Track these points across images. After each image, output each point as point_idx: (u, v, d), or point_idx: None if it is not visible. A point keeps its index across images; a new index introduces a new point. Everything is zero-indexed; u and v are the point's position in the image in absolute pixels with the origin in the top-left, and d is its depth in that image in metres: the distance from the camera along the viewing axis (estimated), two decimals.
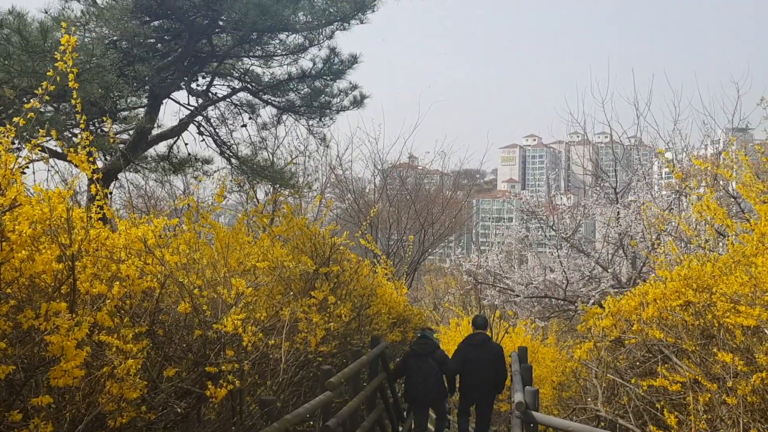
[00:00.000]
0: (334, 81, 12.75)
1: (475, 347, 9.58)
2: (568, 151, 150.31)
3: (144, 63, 10.55)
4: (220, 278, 6.56)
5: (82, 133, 5.45)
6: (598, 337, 8.31)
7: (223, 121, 13.44)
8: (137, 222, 6.02)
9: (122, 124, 12.18)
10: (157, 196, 18.37)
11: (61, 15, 10.03)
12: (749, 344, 5.90)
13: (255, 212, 10.47)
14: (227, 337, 5.50)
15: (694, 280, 6.96)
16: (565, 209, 16.75)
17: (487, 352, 9.58)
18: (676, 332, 6.89)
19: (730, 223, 7.29)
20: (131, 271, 4.77)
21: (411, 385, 9.81)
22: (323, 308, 8.67)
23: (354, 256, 11.95)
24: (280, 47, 12.15)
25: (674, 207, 13.62)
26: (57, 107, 9.83)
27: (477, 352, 9.55)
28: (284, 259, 8.31)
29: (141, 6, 10.34)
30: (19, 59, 8.21)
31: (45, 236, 4.22)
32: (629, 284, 12.69)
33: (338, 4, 10.82)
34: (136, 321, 4.90)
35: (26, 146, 4.85)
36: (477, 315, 10.76)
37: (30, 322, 3.73)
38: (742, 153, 7.96)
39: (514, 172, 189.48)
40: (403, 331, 15.42)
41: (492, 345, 9.93)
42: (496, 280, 16.53)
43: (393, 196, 28.14)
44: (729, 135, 14.79)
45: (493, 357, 9.60)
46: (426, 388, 9.58)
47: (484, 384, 9.55)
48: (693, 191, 9.60)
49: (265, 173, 12.74)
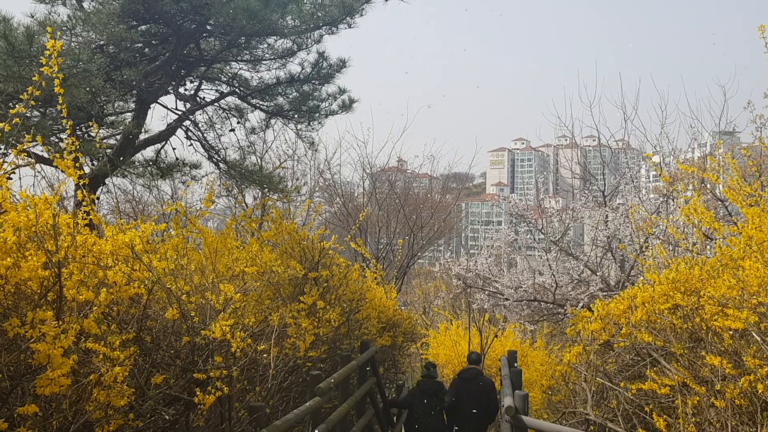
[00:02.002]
0: (322, 85, 12.73)
1: (468, 381, 10.08)
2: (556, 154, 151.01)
3: (131, 67, 10.50)
4: (209, 284, 6.53)
5: (69, 139, 5.42)
6: (587, 341, 8.33)
7: (212, 125, 13.39)
8: (124, 228, 5.98)
9: (109, 129, 12.11)
10: (144, 201, 18.27)
11: (47, 19, 9.96)
12: (737, 347, 5.92)
13: (243, 217, 10.44)
14: (215, 343, 5.47)
15: (682, 283, 6.99)
16: (554, 212, 16.79)
17: (480, 386, 10.12)
18: (665, 335, 6.91)
19: (718, 227, 7.33)
20: (118, 277, 4.74)
21: (414, 419, 10.34)
22: (312, 313, 8.65)
23: (343, 261, 11.93)
24: (269, 51, 12.12)
25: (662, 210, 13.67)
26: (44, 112, 9.77)
27: (470, 386, 10.07)
28: (273, 264, 8.28)
29: (128, 10, 10.28)
30: (4, 64, 8.15)
31: (31, 243, 4.19)
32: (618, 287, 12.73)
33: (326, 8, 10.81)
34: (124, 328, 4.87)
35: (12, 152, 4.81)
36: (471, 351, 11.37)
37: (16, 330, 3.70)
38: (729, 156, 8.00)
39: (503, 176, 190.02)
40: (392, 335, 15.41)
41: (484, 379, 10.42)
42: (486, 284, 16.53)
43: (382, 200, 28.12)
44: (716, 138, 14.87)
45: (485, 390, 10.13)
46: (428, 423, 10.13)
47: (477, 415, 10.01)
48: (680, 195, 9.65)
49: (254, 178, 12.69)
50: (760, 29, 6.26)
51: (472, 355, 10.78)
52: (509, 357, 11.37)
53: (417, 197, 31.42)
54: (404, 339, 17.47)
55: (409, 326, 18.43)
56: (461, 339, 18.70)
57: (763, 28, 6.24)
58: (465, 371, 10.38)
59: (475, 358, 10.59)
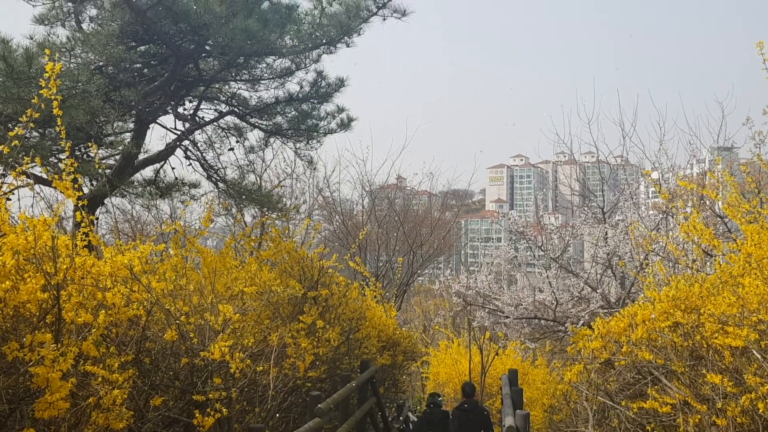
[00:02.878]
0: (321, 104, 12.77)
1: (466, 412, 10.68)
2: (555, 171, 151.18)
3: (130, 88, 10.53)
4: (208, 304, 6.52)
5: (68, 160, 5.42)
6: (588, 359, 8.29)
7: (210, 144, 13.40)
8: (123, 249, 5.98)
9: (108, 149, 12.12)
10: (143, 220, 18.26)
11: (46, 41, 10.01)
12: (738, 365, 5.90)
13: (242, 236, 10.44)
14: (214, 365, 5.46)
15: (682, 300, 6.97)
16: (554, 229, 16.77)
17: (476, 416, 10.77)
18: (666, 353, 6.88)
19: (717, 244, 7.31)
20: (117, 299, 4.73)
21: None
22: (312, 333, 8.62)
23: (343, 279, 11.91)
24: (267, 71, 12.17)
25: (662, 227, 13.66)
26: (42, 133, 9.78)
27: (468, 416, 10.69)
28: (272, 283, 8.27)
29: (127, 31, 10.34)
30: (3, 86, 8.17)
31: (29, 265, 4.18)
32: (618, 304, 12.69)
33: (324, 28, 10.86)
34: (122, 349, 4.85)
35: (11, 173, 4.82)
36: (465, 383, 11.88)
37: (15, 353, 3.69)
38: (727, 173, 8.01)
39: (502, 192, 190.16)
40: (392, 354, 15.35)
41: (480, 408, 11.12)
42: (486, 302, 16.49)
43: (381, 218, 28.10)
44: (714, 154, 14.88)
45: (482, 419, 10.79)
46: None
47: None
48: (680, 211, 9.65)
49: (253, 197, 12.69)
50: (758, 46, 6.28)
51: (465, 387, 11.26)
52: (510, 376, 11.34)
53: (416, 214, 31.40)
54: (404, 358, 17.40)
55: (409, 345, 18.36)
56: (462, 357, 18.63)
57: (761, 44, 6.26)
58: (463, 403, 10.91)
59: (470, 391, 11.08)
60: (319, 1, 10.89)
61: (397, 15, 10.84)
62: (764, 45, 6.25)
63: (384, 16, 10.92)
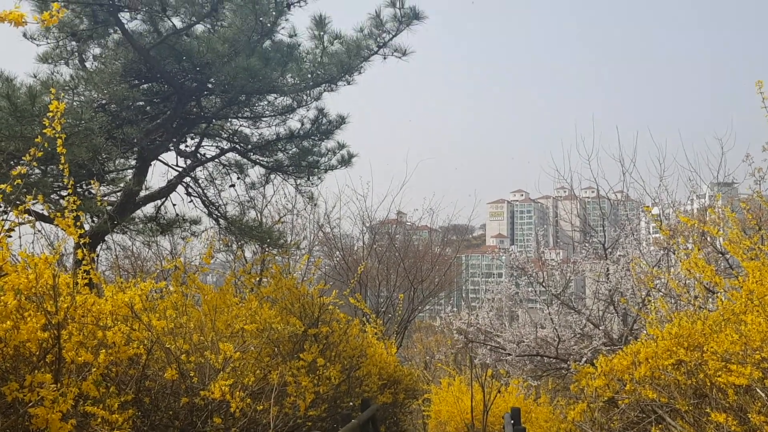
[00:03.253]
0: (322, 141, 12.86)
1: None
2: (555, 206, 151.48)
3: (133, 125, 10.62)
4: (208, 342, 6.48)
5: (70, 197, 5.44)
6: (591, 398, 8.23)
7: (212, 181, 13.46)
8: (124, 286, 5.96)
9: (110, 186, 12.18)
10: (143, 257, 18.24)
11: (50, 79, 10.12)
12: (742, 403, 5.85)
13: (243, 272, 10.42)
14: (215, 404, 5.42)
15: (685, 338, 6.93)
16: (555, 265, 16.73)
17: None
18: (669, 392, 6.83)
19: (719, 280, 7.30)
20: (117, 337, 4.71)
21: None
22: (312, 370, 8.56)
23: (343, 316, 11.86)
24: (269, 108, 12.28)
25: (663, 263, 13.64)
26: (44, 170, 9.84)
27: None
28: (272, 320, 8.23)
29: (130, 70, 10.45)
30: (7, 124, 8.24)
31: (30, 303, 4.17)
32: (621, 341, 12.62)
33: (325, 66, 10.98)
34: (122, 389, 4.82)
35: (14, 212, 4.83)
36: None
37: (14, 393, 3.66)
38: (728, 209, 8.02)
39: (503, 227, 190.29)
40: (394, 392, 15.22)
41: None
42: (488, 339, 16.39)
43: (382, 254, 28.07)
44: (714, 190, 14.91)
45: None
46: None
47: None
48: (681, 248, 9.65)
49: (254, 233, 12.71)
50: (757, 85, 6.34)
51: None
52: (513, 414, 11.23)
53: (417, 250, 31.36)
54: (406, 396, 17.23)
55: (410, 382, 18.20)
56: (464, 395, 18.44)
57: (761, 84, 6.32)
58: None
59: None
60: (320, 40, 11.02)
61: (398, 54, 10.96)
62: (763, 84, 6.31)
63: (384, 55, 11.05)
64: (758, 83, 6.33)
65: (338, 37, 11.09)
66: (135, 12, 10.14)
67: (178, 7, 10.20)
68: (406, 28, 10.65)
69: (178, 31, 10.31)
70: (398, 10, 10.47)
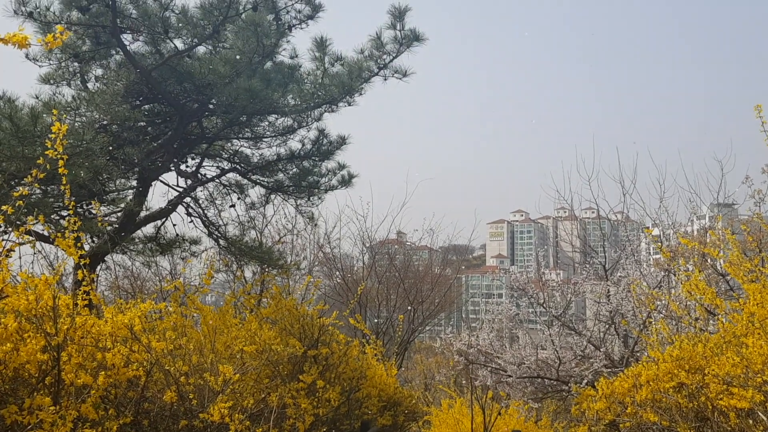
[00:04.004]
0: (322, 161, 12.88)
1: None
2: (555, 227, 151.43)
3: (134, 146, 10.64)
4: (207, 363, 6.46)
5: (71, 218, 5.44)
6: (593, 421, 8.19)
7: (212, 201, 13.47)
8: (123, 308, 5.95)
9: (110, 207, 12.17)
10: (143, 277, 18.20)
11: (51, 100, 10.15)
12: (744, 426, 5.82)
13: (242, 293, 10.40)
14: (214, 427, 5.38)
15: (686, 360, 6.90)
16: (555, 286, 16.71)
17: None
18: (671, 415, 6.79)
19: (720, 303, 7.28)
20: (117, 359, 4.69)
21: None
22: (312, 392, 8.52)
23: (343, 337, 11.81)
24: (270, 129, 12.32)
25: (664, 284, 13.62)
26: (45, 190, 9.85)
27: None
28: (272, 341, 8.21)
29: (132, 91, 10.50)
30: (8, 144, 8.26)
31: (30, 324, 4.16)
32: (622, 363, 12.57)
33: (326, 87, 11.02)
34: (121, 411, 4.79)
35: (15, 233, 4.83)
36: None
37: (14, 416, 3.64)
38: (728, 232, 8.03)
39: (503, 248, 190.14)
40: (393, 414, 15.12)
41: None
42: (488, 360, 16.34)
43: (382, 274, 27.99)
44: (715, 211, 14.94)
45: None
46: None
47: None
48: (681, 270, 9.64)
49: (253, 254, 12.69)
50: (756, 109, 6.37)
51: None
52: None
53: (417, 270, 31.29)
54: (405, 418, 17.12)
55: (410, 404, 18.08)
56: (464, 417, 18.34)
57: (759, 107, 6.35)
58: None
59: None
60: (321, 62, 11.09)
61: (398, 75, 11.02)
62: (762, 108, 6.34)
63: (385, 77, 11.10)
64: (757, 107, 6.36)
65: (339, 58, 11.16)
66: (137, 34, 10.22)
67: (180, 29, 10.27)
68: (407, 50, 10.72)
69: (179, 53, 10.37)
70: (398, 32, 10.55)
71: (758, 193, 9.50)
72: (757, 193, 9.50)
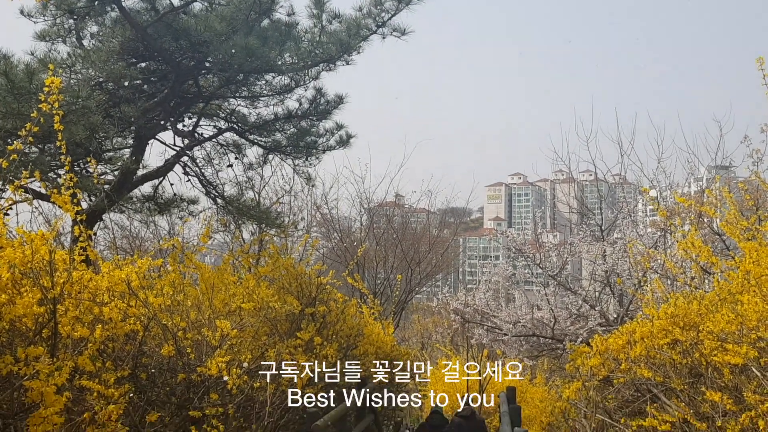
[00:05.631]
0: (320, 121, 12.80)
1: (466, 418, 11.04)
2: (553, 189, 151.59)
3: (130, 104, 10.57)
4: (205, 320, 6.49)
5: (67, 175, 5.42)
6: (587, 377, 8.26)
7: (209, 161, 13.43)
8: (121, 264, 5.96)
9: (107, 165, 12.14)
10: (141, 236, 18.23)
11: (47, 57, 10.07)
12: (737, 382, 5.87)
13: (240, 252, 10.41)
14: (211, 380, 5.43)
15: (680, 318, 6.94)
16: (552, 247, 16.76)
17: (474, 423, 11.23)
18: (665, 371, 6.85)
19: (715, 261, 7.31)
20: (114, 313, 4.71)
21: None
22: (309, 349, 8.58)
23: (341, 296, 11.86)
24: (267, 88, 12.22)
25: (660, 244, 13.67)
26: (42, 148, 9.81)
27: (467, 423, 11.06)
28: (270, 299, 8.24)
29: (127, 48, 10.39)
30: (4, 101, 8.20)
31: (26, 279, 4.17)
32: (617, 322, 12.66)
33: (324, 46, 10.92)
34: (119, 364, 4.83)
35: (10, 188, 4.81)
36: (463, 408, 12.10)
37: (9, 367, 3.66)
38: (726, 190, 8.02)
39: (501, 210, 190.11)
40: (390, 371, 15.26)
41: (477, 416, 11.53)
42: (484, 319, 16.45)
43: (380, 235, 28.06)
44: (712, 173, 14.93)
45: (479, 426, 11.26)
46: None
47: None
48: (678, 229, 9.66)
49: (251, 213, 12.70)
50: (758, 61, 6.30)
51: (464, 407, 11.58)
52: (508, 393, 11.32)
53: (415, 232, 31.35)
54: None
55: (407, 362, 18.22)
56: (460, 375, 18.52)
57: (762, 60, 6.28)
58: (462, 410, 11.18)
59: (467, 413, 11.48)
60: (318, 19, 10.96)
61: (397, 34, 10.91)
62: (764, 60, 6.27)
63: (383, 35, 10.99)
64: (759, 59, 6.29)
65: (337, 16, 11.03)
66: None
67: None
68: (406, 7, 10.60)
69: (175, 9, 10.25)
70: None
71: (757, 152, 9.48)
72: (756, 152, 9.48)
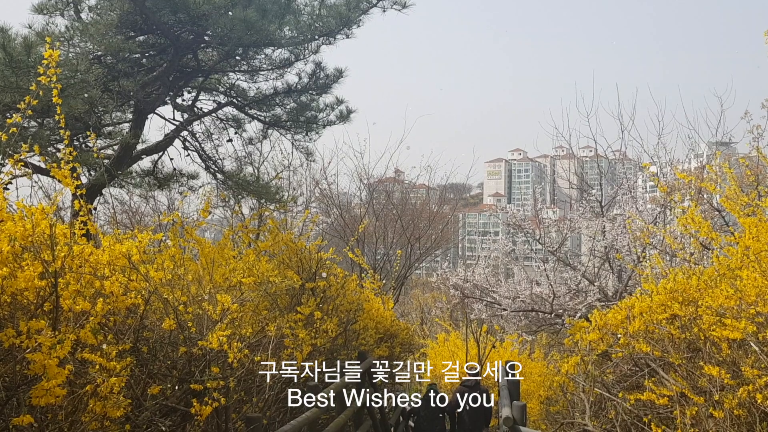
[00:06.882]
0: (319, 95, 12.74)
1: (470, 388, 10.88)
2: (553, 165, 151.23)
3: (129, 78, 10.51)
4: (205, 294, 6.51)
5: (66, 149, 5.40)
6: (585, 351, 8.31)
7: (209, 135, 13.39)
8: (121, 238, 5.96)
9: (107, 140, 12.10)
10: (141, 211, 18.23)
11: (45, 30, 9.98)
12: (735, 357, 5.91)
13: (240, 227, 10.42)
14: (212, 354, 5.46)
15: (679, 293, 6.97)
16: (551, 223, 16.80)
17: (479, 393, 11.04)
18: (663, 346, 6.89)
19: (715, 236, 7.32)
20: (115, 287, 4.72)
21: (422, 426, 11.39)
22: (310, 323, 8.62)
23: (341, 271, 11.90)
24: (266, 62, 12.15)
25: (659, 220, 13.68)
26: (41, 122, 9.76)
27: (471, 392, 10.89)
28: (270, 274, 8.26)
29: (126, 21, 10.30)
30: (2, 74, 8.15)
31: (27, 253, 4.17)
32: (615, 297, 12.71)
33: (323, 19, 10.84)
34: (120, 338, 4.85)
35: (9, 161, 4.80)
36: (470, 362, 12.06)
37: (11, 340, 3.68)
38: (726, 166, 8.01)
39: (500, 186, 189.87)
40: (390, 346, 15.36)
41: (482, 387, 11.37)
42: (483, 294, 16.52)
43: (379, 211, 28.06)
44: (713, 149, 14.90)
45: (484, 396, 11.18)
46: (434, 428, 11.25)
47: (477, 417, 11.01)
48: (678, 205, 9.66)
49: (251, 188, 12.69)
50: (766, 34, 6.27)
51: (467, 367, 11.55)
52: (507, 367, 11.45)
53: (414, 208, 31.36)
54: (402, 350, 17.41)
55: (406, 337, 18.36)
56: (459, 350, 18.65)
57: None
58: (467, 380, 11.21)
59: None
60: None
61: (398, 7, 10.83)
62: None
63: (384, 8, 10.92)
64: (766, 33, 6.26)
65: None
66: None
67: None
68: None
69: None
70: None
71: (757, 128, 9.45)
72: (756, 128, 9.45)
